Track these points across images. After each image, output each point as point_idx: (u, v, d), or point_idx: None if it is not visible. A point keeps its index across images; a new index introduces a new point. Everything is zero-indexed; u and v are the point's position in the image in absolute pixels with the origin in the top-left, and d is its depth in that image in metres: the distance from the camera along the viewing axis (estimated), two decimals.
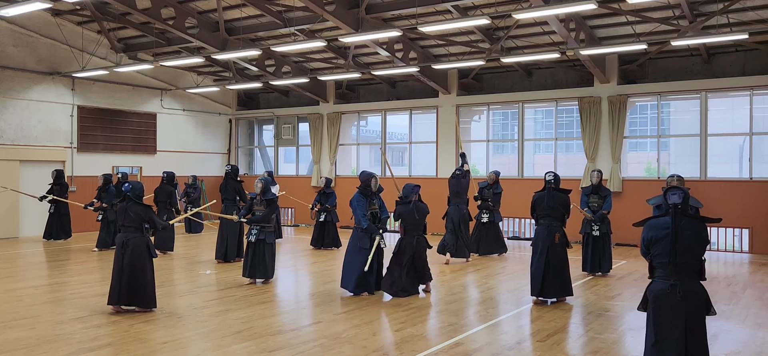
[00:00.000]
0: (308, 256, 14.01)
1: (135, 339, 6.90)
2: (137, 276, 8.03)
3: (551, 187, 8.93)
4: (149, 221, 8.27)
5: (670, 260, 5.02)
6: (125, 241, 8.06)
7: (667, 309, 5.06)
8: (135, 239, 8.08)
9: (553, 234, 8.83)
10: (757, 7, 12.85)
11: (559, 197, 8.96)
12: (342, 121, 20.71)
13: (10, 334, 7.07)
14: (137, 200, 8.22)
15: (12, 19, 16.27)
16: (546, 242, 8.85)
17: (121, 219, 8.21)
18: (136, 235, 8.11)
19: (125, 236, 8.11)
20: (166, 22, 15.44)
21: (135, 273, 8.01)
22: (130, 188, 8.21)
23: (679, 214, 5.03)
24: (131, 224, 8.12)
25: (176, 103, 21.18)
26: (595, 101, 16.42)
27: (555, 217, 8.91)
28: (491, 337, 7.25)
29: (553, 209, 8.90)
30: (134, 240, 8.07)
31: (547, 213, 8.93)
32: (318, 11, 13.32)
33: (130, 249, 8.02)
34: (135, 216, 8.12)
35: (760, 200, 14.61)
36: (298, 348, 6.63)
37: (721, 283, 10.87)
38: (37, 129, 17.40)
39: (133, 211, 8.13)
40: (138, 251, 8.06)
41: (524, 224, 17.70)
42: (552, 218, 8.91)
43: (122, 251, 8.03)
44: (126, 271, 7.97)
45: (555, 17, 12.78)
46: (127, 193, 8.21)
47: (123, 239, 8.09)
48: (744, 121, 16.05)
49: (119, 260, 8.03)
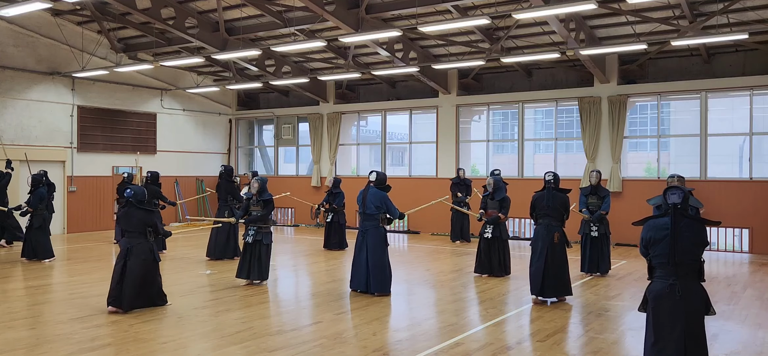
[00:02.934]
0: (308, 256, 14.01)
1: (135, 339, 6.90)
2: (147, 281, 8.16)
3: (551, 187, 8.98)
4: (152, 226, 8.27)
5: (668, 261, 5.02)
6: (130, 247, 8.08)
7: (666, 309, 5.06)
8: (139, 245, 8.12)
9: (553, 234, 8.88)
10: (757, 7, 12.85)
11: (559, 196, 9.00)
12: (342, 121, 20.72)
13: (10, 334, 7.07)
14: (139, 205, 8.21)
15: (12, 19, 16.26)
16: (545, 241, 8.89)
17: (125, 224, 8.23)
18: (141, 240, 8.15)
19: (129, 242, 8.12)
20: (166, 22, 15.43)
21: (144, 280, 8.12)
22: (132, 194, 8.21)
23: (679, 214, 5.03)
24: (135, 229, 8.15)
25: (176, 103, 21.18)
26: (595, 101, 16.43)
27: (554, 217, 8.95)
28: (491, 337, 7.25)
29: (553, 209, 8.93)
30: (139, 246, 8.11)
31: (547, 213, 8.97)
32: (318, 11, 13.32)
33: (134, 255, 8.05)
34: (138, 221, 8.15)
35: (760, 200, 14.61)
36: (298, 348, 6.63)
37: (721, 283, 10.87)
38: (37, 129, 17.40)
39: (136, 216, 8.16)
40: (143, 257, 8.10)
41: (524, 224, 17.69)
42: (551, 218, 8.94)
43: (125, 258, 8.03)
44: (132, 278, 7.99)
45: (555, 17, 12.78)
46: (130, 198, 8.20)
47: (127, 246, 8.10)
48: (744, 121, 16.05)
49: (120, 264, 8.02)
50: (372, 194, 9.45)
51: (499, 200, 11.09)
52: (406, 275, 11.70)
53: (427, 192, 17.51)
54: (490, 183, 11.21)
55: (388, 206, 9.43)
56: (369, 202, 9.43)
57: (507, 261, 11.16)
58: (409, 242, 16.74)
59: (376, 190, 9.49)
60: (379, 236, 9.46)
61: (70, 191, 17.97)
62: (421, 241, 16.93)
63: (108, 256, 13.85)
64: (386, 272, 9.48)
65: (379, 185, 9.55)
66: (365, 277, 9.45)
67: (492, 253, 11.07)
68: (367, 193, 9.49)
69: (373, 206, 9.41)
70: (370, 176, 9.70)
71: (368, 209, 9.44)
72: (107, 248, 14.90)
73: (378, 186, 9.54)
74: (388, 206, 9.44)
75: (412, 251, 15.04)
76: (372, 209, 9.41)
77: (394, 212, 9.50)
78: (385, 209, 9.44)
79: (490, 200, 11.14)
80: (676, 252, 4.99)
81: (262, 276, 10.15)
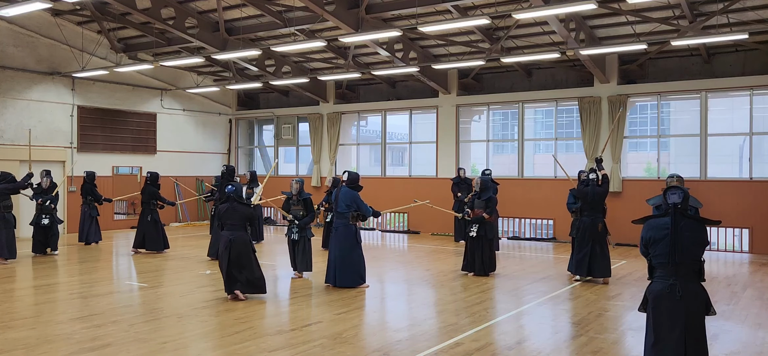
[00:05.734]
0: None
1: (135, 339, 6.90)
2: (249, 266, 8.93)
3: (594, 183, 10.32)
4: (250, 220, 9.16)
5: (669, 261, 5.02)
6: (232, 239, 8.81)
7: (667, 310, 5.05)
8: (241, 236, 8.88)
9: (597, 224, 10.27)
10: (757, 7, 12.85)
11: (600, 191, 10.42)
12: (342, 121, 20.71)
13: (10, 334, 7.07)
14: (240, 200, 8.95)
15: (12, 19, 16.26)
16: (592, 230, 10.26)
17: (228, 218, 8.92)
18: (242, 233, 8.92)
19: (231, 234, 8.86)
20: (166, 22, 15.44)
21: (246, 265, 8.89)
22: (233, 190, 8.95)
23: (679, 214, 5.03)
24: (237, 222, 8.91)
25: (176, 103, 21.18)
26: (595, 100, 16.43)
27: (597, 209, 10.33)
28: (491, 337, 7.25)
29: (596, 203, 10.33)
30: (240, 238, 8.86)
31: (591, 206, 10.31)
32: (318, 11, 13.32)
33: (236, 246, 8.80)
34: (240, 216, 8.93)
35: (760, 200, 14.61)
36: (298, 348, 6.63)
37: (721, 283, 10.87)
38: (37, 129, 17.38)
39: (239, 211, 8.91)
40: (244, 246, 8.89)
41: (524, 224, 17.69)
42: (595, 210, 10.31)
43: (229, 247, 8.77)
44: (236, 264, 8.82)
45: (555, 17, 12.78)
46: (231, 194, 8.94)
47: (229, 237, 8.83)
48: (744, 121, 16.05)
49: (226, 255, 8.80)
50: (343, 193, 9.93)
51: (485, 200, 11.18)
52: (406, 275, 11.71)
53: (428, 192, 17.50)
54: (477, 182, 11.47)
55: (358, 204, 9.92)
56: (340, 201, 9.91)
57: (492, 260, 11.26)
58: (409, 242, 16.74)
59: (347, 189, 9.95)
60: (349, 233, 9.91)
61: (70, 191, 17.96)
62: (422, 241, 16.93)
63: (108, 256, 13.86)
64: (353, 267, 9.90)
65: (351, 184, 10.03)
66: (334, 271, 9.92)
67: (476, 252, 11.17)
68: (339, 192, 9.96)
69: (344, 205, 9.89)
70: (343, 176, 10.21)
71: (339, 208, 9.94)
72: (107, 248, 14.91)
73: (350, 186, 10.00)
74: (358, 205, 9.92)
75: (412, 251, 15.04)
76: (343, 208, 9.90)
77: (366, 210, 9.98)
78: (355, 207, 9.89)
79: (477, 199, 11.26)
80: (677, 252, 4.99)
81: (308, 268, 10.87)
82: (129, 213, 20.30)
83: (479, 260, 11.12)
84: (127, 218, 19.99)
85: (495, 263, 11.39)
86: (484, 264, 11.11)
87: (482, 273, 11.09)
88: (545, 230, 17.53)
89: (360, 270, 10.01)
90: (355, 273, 9.92)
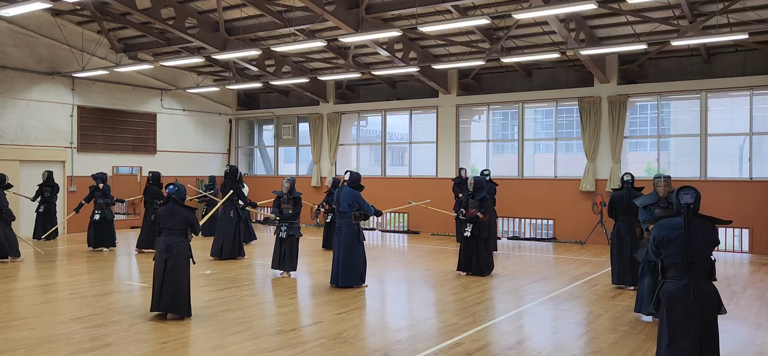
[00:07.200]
0: (308, 256, 13.99)
1: (135, 339, 6.90)
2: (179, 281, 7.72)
3: (629, 186, 9.76)
4: (192, 225, 7.89)
5: (682, 261, 5.00)
6: (170, 245, 7.70)
7: (681, 310, 5.02)
8: (179, 243, 7.75)
9: (635, 230, 9.57)
10: (757, 7, 12.85)
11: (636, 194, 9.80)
12: (342, 121, 20.71)
13: (10, 334, 7.07)
14: (181, 202, 7.93)
15: (12, 19, 16.26)
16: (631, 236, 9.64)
17: (166, 222, 7.78)
18: (182, 239, 7.78)
19: (169, 239, 7.73)
20: (166, 22, 15.43)
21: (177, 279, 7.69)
22: (175, 190, 7.88)
23: (692, 214, 5.01)
24: (176, 227, 7.76)
25: (176, 103, 21.18)
26: (595, 101, 16.43)
27: (634, 214, 9.54)
28: (491, 337, 7.25)
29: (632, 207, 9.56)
30: (179, 245, 7.74)
31: (627, 211, 9.68)
32: (318, 11, 13.31)
33: (173, 254, 7.68)
34: (181, 219, 7.78)
35: (760, 200, 14.61)
36: (298, 348, 6.63)
37: (721, 283, 10.86)
38: (37, 129, 17.40)
39: (180, 214, 7.79)
40: (182, 255, 7.76)
41: (524, 224, 17.69)
42: (632, 215, 9.57)
43: (166, 255, 7.66)
44: (168, 276, 7.62)
45: (555, 17, 12.78)
46: (172, 195, 7.87)
47: (167, 243, 7.70)
48: (744, 121, 16.06)
49: (161, 265, 7.68)
50: (345, 192, 9.96)
51: (479, 200, 11.16)
52: (406, 275, 11.71)
53: (427, 192, 17.50)
54: (471, 182, 11.42)
55: (360, 204, 9.97)
56: (342, 200, 9.95)
57: (488, 260, 11.24)
58: (410, 242, 16.74)
59: (349, 189, 10.00)
60: (352, 233, 9.91)
61: (70, 191, 17.96)
62: (422, 241, 16.93)
63: (108, 256, 13.85)
64: (355, 267, 9.90)
65: (353, 184, 10.07)
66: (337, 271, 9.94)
67: (471, 252, 11.18)
68: (340, 192, 9.99)
69: (346, 205, 9.92)
70: (344, 176, 10.22)
71: (342, 208, 9.96)
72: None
73: (351, 185, 10.05)
74: (360, 204, 9.96)
75: (412, 251, 15.04)
76: (345, 208, 9.93)
77: (368, 209, 10.01)
78: (357, 207, 9.93)
79: (471, 199, 11.26)
80: (690, 253, 4.97)
81: (292, 268, 10.84)
82: (129, 213, 20.31)
83: (475, 260, 11.12)
84: (127, 219, 20.00)
85: (492, 263, 11.38)
86: (480, 264, 11.10)
87: (478, 273, 11.08)
88: (545, 230, 17.53)
89: (360, 269, 10.03)
90: (356, 273, 9.95)
